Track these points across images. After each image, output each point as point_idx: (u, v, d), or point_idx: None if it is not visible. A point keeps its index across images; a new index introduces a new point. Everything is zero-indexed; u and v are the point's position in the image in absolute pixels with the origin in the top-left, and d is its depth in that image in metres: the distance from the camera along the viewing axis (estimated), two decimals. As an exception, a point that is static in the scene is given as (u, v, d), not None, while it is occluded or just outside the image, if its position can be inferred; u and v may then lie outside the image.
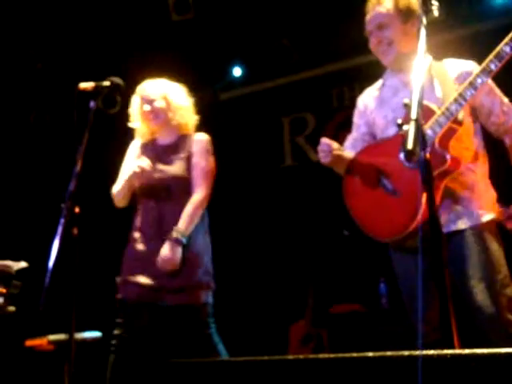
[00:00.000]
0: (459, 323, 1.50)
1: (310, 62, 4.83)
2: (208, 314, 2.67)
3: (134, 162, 2.69)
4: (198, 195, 2.64)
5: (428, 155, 1.60)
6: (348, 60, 4.61)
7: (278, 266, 4.61)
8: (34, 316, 2.11)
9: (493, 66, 1.93)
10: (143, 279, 2.58)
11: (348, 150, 2.35)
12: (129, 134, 4.84)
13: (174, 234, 2.55)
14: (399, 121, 1.64)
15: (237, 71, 5.05)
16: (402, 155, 2.09)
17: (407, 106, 1.62)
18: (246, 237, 4.80)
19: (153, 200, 2.67)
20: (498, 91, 2.17)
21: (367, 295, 4.04)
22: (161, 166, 2.69)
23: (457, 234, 2.08)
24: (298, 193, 4.72)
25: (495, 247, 2.07)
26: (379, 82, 2.37)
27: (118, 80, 2.31)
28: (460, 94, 1.97)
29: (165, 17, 4.59)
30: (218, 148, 4.94)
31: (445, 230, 2.02)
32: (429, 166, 1.56)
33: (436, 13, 1.96)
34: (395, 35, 2.17)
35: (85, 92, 2.25)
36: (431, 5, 1.94)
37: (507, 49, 1.91)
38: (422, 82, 1.62)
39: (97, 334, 3.15)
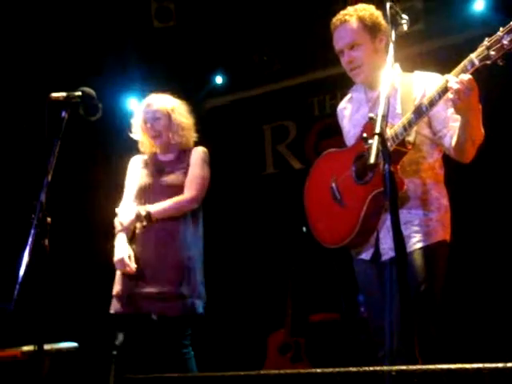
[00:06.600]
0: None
1: (292, 71, 4.84)
2: (189, 326, 2.73)
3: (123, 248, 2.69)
4: (184, 195, 2.75)
5: (393, 168, 1.60)
6: (330, 68, 4.60)
7: (257, 275, 4.60)
8: (2, 327, 2.09)
9: (437, 97, 1.89)
10: (138, 290, 2.65)
11: None
12: (108, 143, 4.81)
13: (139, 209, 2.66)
14: (364, 134, 1.65)
15: (218, 79, 5.06)
16: (353, 169, 2.11)
17: (372, 120, 1.63)
18: (227, 245, 4.78)
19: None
20: (446, 111, 2.07)
21: (346, 304, 4.04)
22: (163, 178, 2.83)
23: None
24: (280, 200, 4.71)
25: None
26: (348, 95, 2.37)
27: (88, 90, 2.31)
28: (407, 120, 1.94)
29: (147, 24, 4.60)
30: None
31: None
32: (393, 179, 1.57)
33: (405, 27, 1.97)
34: (366, 55, 2.15)
35: (57, 102, 2.23)
36: (401, 18, 1.95)
37: (452, 83, 1.82)
38: (387, 97, 1.63)
39: (73, 344, 3.12)
